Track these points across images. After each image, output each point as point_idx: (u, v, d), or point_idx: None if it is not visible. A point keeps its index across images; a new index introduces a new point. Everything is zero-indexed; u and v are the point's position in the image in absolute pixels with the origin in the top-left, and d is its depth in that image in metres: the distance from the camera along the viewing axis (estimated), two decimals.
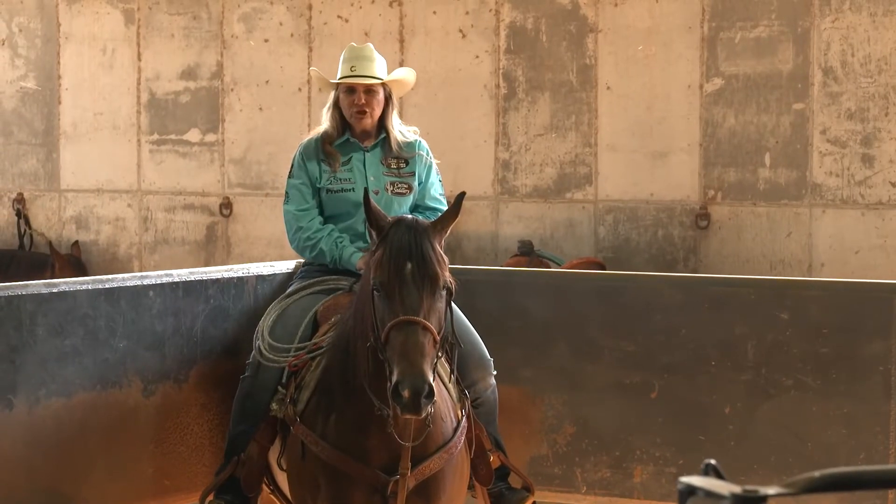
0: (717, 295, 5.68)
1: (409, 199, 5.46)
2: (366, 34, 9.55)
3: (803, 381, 5.49)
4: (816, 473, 2.10)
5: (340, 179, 5.42)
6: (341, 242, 5.37)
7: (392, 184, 5.42)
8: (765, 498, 2.04)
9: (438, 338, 4.33)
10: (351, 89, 5.40)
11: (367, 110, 5.40)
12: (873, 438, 5.43)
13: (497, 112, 9.39)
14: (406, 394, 4.15)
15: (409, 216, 4.66)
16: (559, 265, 8.80)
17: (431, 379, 4.20)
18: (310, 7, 9.83)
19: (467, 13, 9.45)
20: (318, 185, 5.44)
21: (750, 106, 8.83)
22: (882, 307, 5.43)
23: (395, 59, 9.23)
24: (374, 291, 4.41)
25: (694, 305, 5.67)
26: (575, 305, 5.82)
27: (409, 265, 4.37)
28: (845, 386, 5.46)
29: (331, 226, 5.44)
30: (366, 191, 4.71)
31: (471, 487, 5.13)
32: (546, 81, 9.27)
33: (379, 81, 5.41)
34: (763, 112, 8.80)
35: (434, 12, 9.53)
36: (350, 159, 5.44)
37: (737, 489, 2.05)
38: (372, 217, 4.55)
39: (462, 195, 4.60)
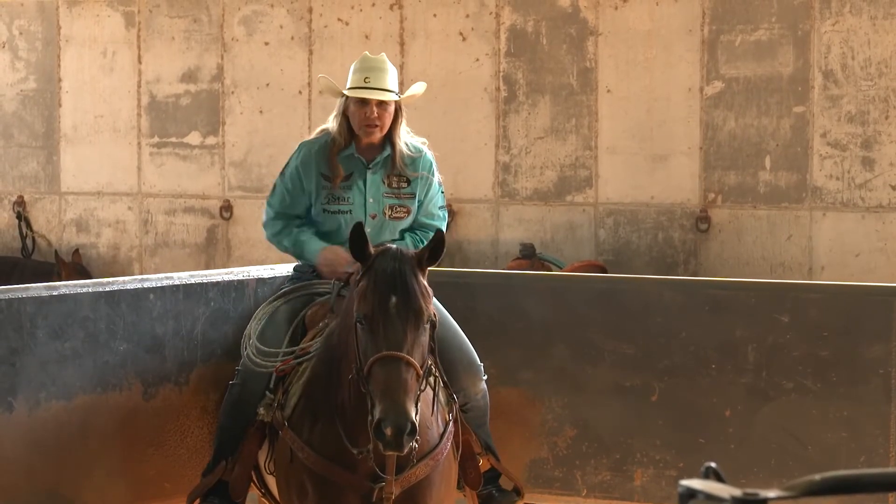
0: (718, 298, 5.68)
1: (406, 222, 5.34)
2: (366, 37, 9.56)
3: (803, 384, 5.49)
4: (817, 476, 2.10)
5: (338, 199, 5.29)
6: (301, 237, 5.29)
7: (391, 207, 5.29)
8: (765, 501, 2.04)
9: (422, 372, 4.31)
10: (363, 101, 5.20)
11: (379, 124, 5.21)
12: (873, 441, 5.43)
13: (497, 115, 9.39)
14: (389, 432, 4.14)
15: (394, 246, 4.58)
16: (560, 268, 8.81)
17: (415, 416, 4.18)
18: (310, 10, 9.83)
19: (467, 16, 9.45)
20: (312, 200, 5.30)
21: (750, 109, 8.83)
22: (882, 310, 5.43)
23: (396, 62, 9.20)
24: (358, 324, 4.37)
25: (694, 308, 5.67)
26: (575, 308, 5.82)
27: (393, 298, 4.33)
28: (845, 389, 5.46)
29: (295, 224, 5.33)
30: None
31: (460, 488, 5.13)
32: (546, 84, 9.27)
33: (393, 98, 5.23)
34: (763, 115, 8.80)
35: (434, 15, 9.53)
36: (351, 177, 5.29)
37: (737, 492, 2.05)
38: (356, 246, 4.50)
39: (441, 233, 4.53)
